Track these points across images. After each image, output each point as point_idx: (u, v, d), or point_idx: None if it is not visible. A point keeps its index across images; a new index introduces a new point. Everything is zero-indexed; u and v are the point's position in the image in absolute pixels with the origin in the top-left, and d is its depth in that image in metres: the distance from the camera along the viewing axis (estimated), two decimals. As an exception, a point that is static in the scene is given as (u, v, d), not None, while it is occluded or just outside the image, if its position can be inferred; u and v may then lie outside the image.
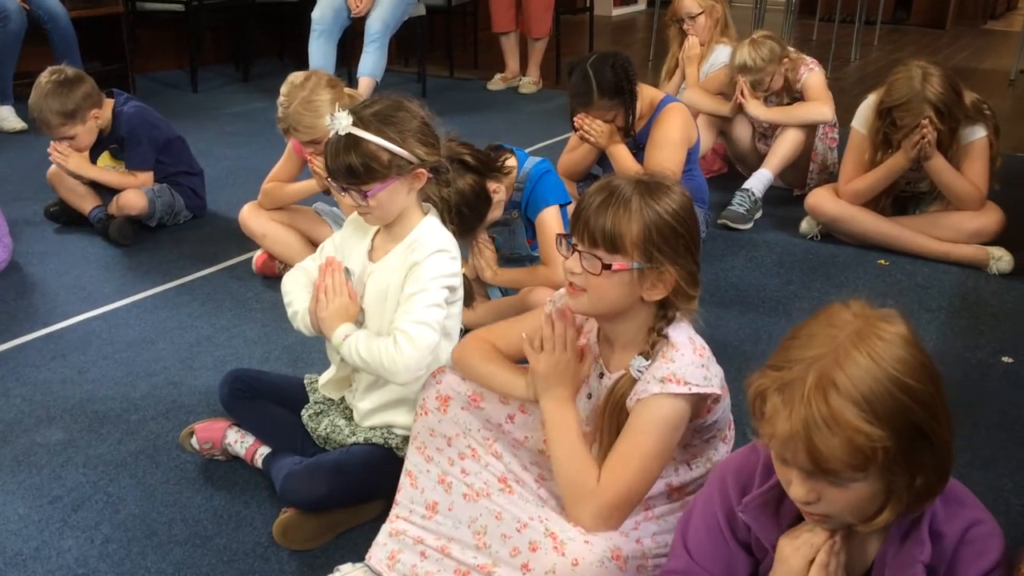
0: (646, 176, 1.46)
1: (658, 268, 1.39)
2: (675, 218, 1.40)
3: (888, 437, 1.01)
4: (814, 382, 1.03)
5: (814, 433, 1.02)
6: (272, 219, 2.85)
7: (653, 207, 1.39)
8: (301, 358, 2.39)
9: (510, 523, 1.45)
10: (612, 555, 1.36)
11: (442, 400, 1.60)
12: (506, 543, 1.43)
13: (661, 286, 1.41)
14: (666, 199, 1.40)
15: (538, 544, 1.40)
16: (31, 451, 2.00)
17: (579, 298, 1.45)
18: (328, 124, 1.63)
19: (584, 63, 2.78)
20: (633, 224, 1.38)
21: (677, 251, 1.40)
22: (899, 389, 1.02)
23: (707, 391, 1.42)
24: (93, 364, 2.37)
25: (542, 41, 5.51)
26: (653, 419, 1.39)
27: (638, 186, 1.41)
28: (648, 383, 1.40)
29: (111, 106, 3.12)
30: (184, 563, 1.67)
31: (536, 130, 4.54)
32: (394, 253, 1.73)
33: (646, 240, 1.38)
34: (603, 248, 1.39)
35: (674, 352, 1.42)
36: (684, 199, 1.43)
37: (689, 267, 1.42)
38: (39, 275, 2.92)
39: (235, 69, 5.86)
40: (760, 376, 1.10)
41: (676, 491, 1.55)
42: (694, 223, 1.44)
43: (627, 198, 1.39)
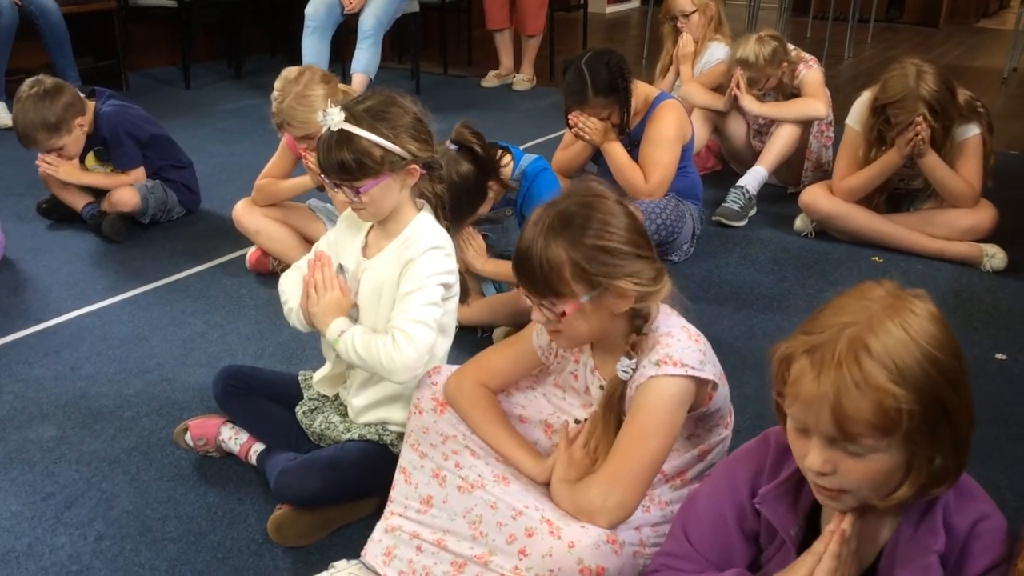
0: (569, 199, 1.43)
1: (609, 288, 1.39)
2: (602, 236, 1.38)
3: (915, 401, 1.02)
4: (846, 345, 1.03)
5: (843, 394, 1.02)
6: (266, 216, 2.84)
7: (572, 238, 1.38)
8: (295, 354, 2.39)
9: (505, 511, 1.45)
10: (608, 539, 1.37)
11: (438, 403, 1.60)
12: (502, 531, 1.44)
13: (622, 300, 1.41)
14: (587, 220, 1.38)
15: (534, 530, 1.40)
16: (24, 448, 1.99)
17: (559, 338, 1.49)
18: (320, 120, 1.63)
19: (579, 61, 2.77)
20: (561, 264, 1.37)
21: (620, 264, 1.39)
22: (929, 362, 1.03)
23: (703, 376, 1.42)
24: (86, 361, 2.36)
25: (536, 38, 5.50)
26: (653, 399, 1.40)
27: (556, 218, 1.39)
28: (644, 368, 1.41)
29: (92, 108, 3.10)
30: (178, 560, 1.66)
31: (530, 127, 4.54)
32: (388, 249, 1.73)
33: (581, 274, 1.38)
34: (550, 296, 1.41)
35: (669, 339, 1.43)
36: (613, 208, 1.41)
37: (642, 270, 1.41)
38: (31, 271, 2.90)
39: (228, 66, 5.84)
40: (789, 341, 1.10)
41: (677, 477, 1.55)
42: (630, 226, 1.41)
43: (546, 239, 1.38)
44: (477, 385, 1.59)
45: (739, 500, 1.26)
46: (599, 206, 1.41)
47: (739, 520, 1.27)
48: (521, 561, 1.39)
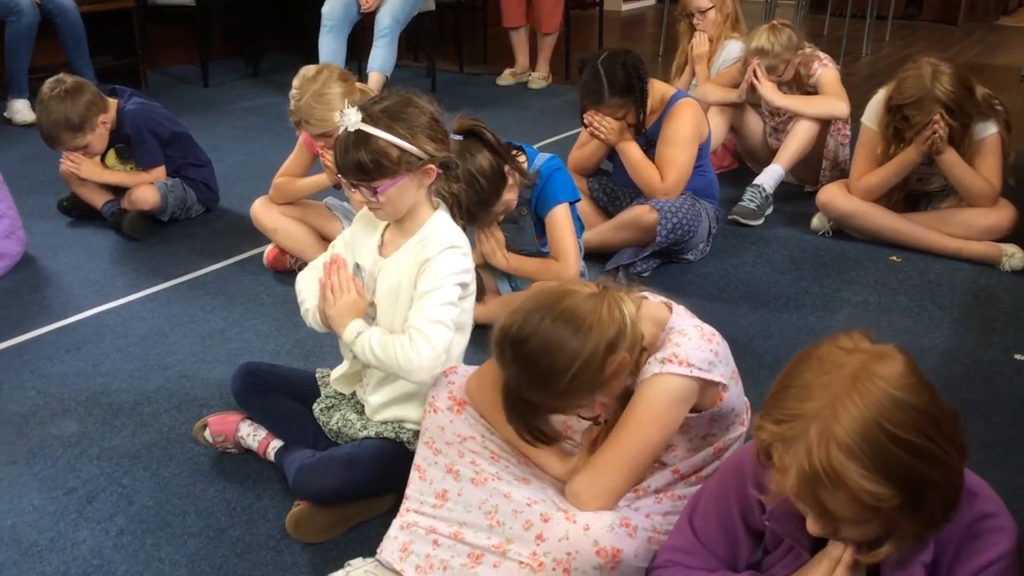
0: (525, 318, 1.39)
1: (603, 388, 1.40)
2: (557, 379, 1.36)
3: (892, 493, 1.01)
4: (815, 438, 1.03)
5: (820, 490, 1.03)
6: (283, 214, 2.86)
7: (541, 388, 1.37)
8: (312, 352, 2.40)
9: (520, 500, 1.47)
10: (621, 522, 1.40)
11: (455, 402, 1.61)
12: (517, 518, 1.46)
13: (616, 381, 1.42)
14: (537, 360, 1.36)
15: (549, 515, 1.43)
16: (46, 443, 2.02)
17: None
18: (338, 120, 1.64)
19: (595, 60, 2.77)
20: (564, 371, 1.35)
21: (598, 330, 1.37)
22: (898, 446, 1.01)
23: (709, 377, 1.42)
24: (107, 357, 2.38)
25: (552, 36, 5.50)
26: (651, 394, 1.41)
27: (514, 369, 1.39)
28: (649, 364, 1.43)
29: (116, 106, 3.13)
30: (198, 555, 1.68)
31: (545, 125, 4.54)
32: (405, 248, 1.74)
33: (581, 377, 1.36)
34: (564, 412, 1.46)
35: (680, 338, 1.44)
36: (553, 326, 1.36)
37: (609, 332, 1.37)
38: (53, 269, 2.93)
39: (245, 64, 5.87)
40: (760, 428, 1.10)
41: (692, 474, 1.56)
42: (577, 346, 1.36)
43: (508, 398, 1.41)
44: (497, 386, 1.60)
45: (745, 497, 1.27)
46: (545, 327, 1.39)
47: (745, 516, 1.29)
48: (539, 546, 1.41)
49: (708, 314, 1.54)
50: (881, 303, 2.72)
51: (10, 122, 4.50)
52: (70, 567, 1.65)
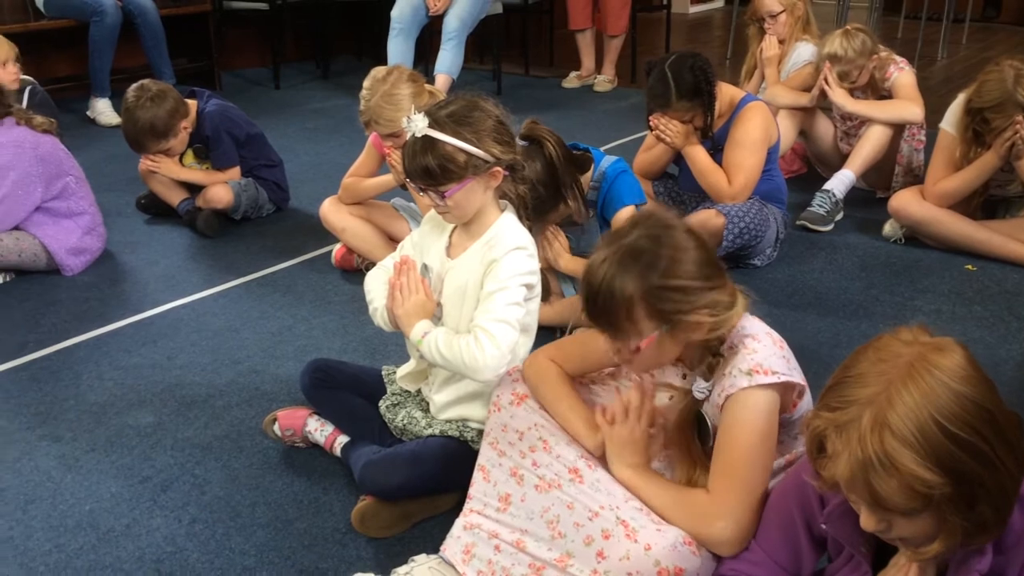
0: (636, 228, 1.41)
1: (681, 321, 1.38)
2: (674, 274, 1.36)
3: (945, 483, 1.00)
4: (869, 423, 1.03)
5: (872, 475, 1.02)
6: (351, 213, 2.91)
7: (642, 279, 1.36)
8: (378, 350, 2.44)
9: (582, 512, 1.46)
10: (684, 540, 1.37)
11: (517, 397, 1.62)
12: (579, 531, 1.45)
13: (698, 330, 1.40)
14: (656, 258, 1.37)
15: (610, 532, 1.41)
16: (123, 432, 2.09)
17: (633, 366, 1.48)
18: (404, 126, 1.66)
19: (663, 64, 2.76)
20: (633, 302, 1.36)
21: (693, 300, 1.37)
22: (949, 438, 1.01)
23: (793, 380, 1.41)
24: (181, 351, 2.46)
25: (618, 38, 5.49)
26: (747, 414, 1.38)
27: (626, 254, 1.37)
28: (735, 378, 1.39)
29: (195, 107, 3.22)
30: (266, 545, 1.72)
31: (610, 128, 4.53)
32: (472, 250, 1.75)
33: (653, 311, 1.37)
34: (622, 336, 1.40)
35: (755, 344, 1.41)
36: (684, 240, 1.38)
37: (716, 301, 1.39)
38: (131, 264, 3.04)
39: (315, 66, 5.99)
40: (815, 417, 1.09)
41: None
42: (702, 259, 1.39)
43: (615, 281, 1.37)
44: (548, 361, 1.61)
45: (808, 505, 1.25)
46: (668, 240, 1.39)
47: (808, 525, 1.27)
48: (599, 564, 1.40)
49: (775, 320, 1.52)
50: (955, 313, 2.65)
51: (94, 122, 4.67)
52: (144, 553, 1.71)
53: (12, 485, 1.91)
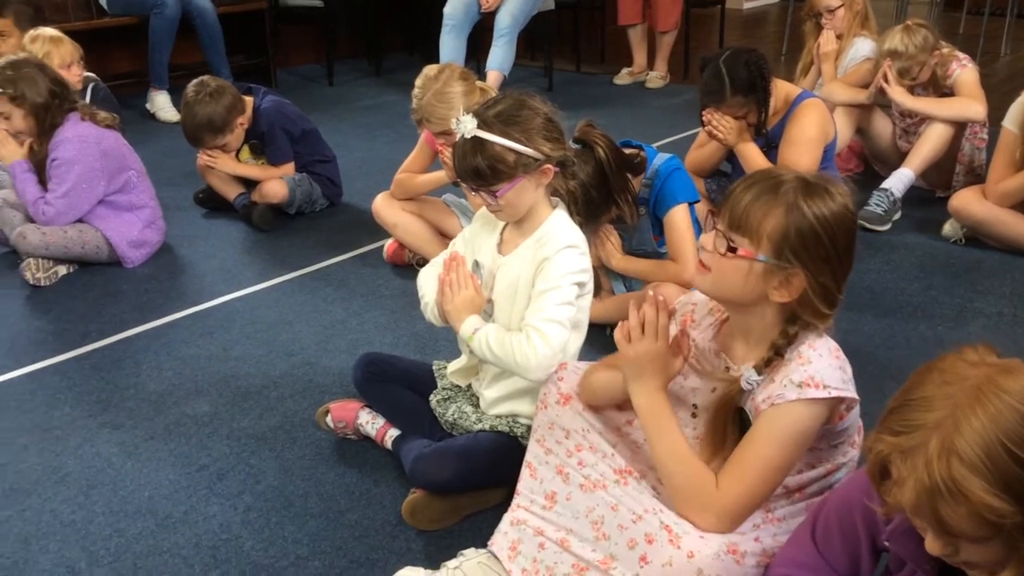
0: (814, 175, 1.40)
1: (787, 270, 1.35)
2: (822, 223, 1.34)
3: (1016, 512, 0.97)
4: (936, 449, 0.99)
5: (939, 503, 0.99)
6: (403, 209, 2.94)
7: (801, 206, 1.34)
8: (428, 345, 2.46)
9: (626, 514, 1.45)
10: (728, 549, 1.35)
11: (563, 397, 1.62)
12: (623, 534, 1.44)
13: (786, 290, 1.37)
14: (821, 202, 1.35)
15: (654, 536, 1.40)
16: (181, 421, 2.14)
17: (704, 277, 1.44)
18: (453, 128, 1.67)
19: (717, 59, 2.73)
20: (772, 216, 1.34)
21: (813, 258, 1.35)
22: (1020, 464, 0.97)
23: (846, 395, 1.37)
24: (236, 342, 2.50)
25: (670, 34, 5.44)
26: (783, 429, 1.36)
27: (797, 181, 1.36)
28: (784, 387, 1.36)
29: (252, 104, 3.28)
30: (319, 535, 1.75)
31: (662, 125, 4.50)
32: (523, 247, 1.76)
33: (781, 237, 1.34)
34: (737, 232, 1.37)
35: (811, 352, 1.38)
36: (842, 208, 1.37)
37: (824, 279, 1.36)
38: (188, 257, 3.10)
39: (368, 63, 6.05)
40: (877, 441, 1.06)
41: (796, 492, 1.52)
42: (845, 236, 1.37)
43: (779, 189, 1.35)
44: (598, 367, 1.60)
45: (873, 520, 1.22)
46: (837, 198, 1.37)
47: (872, 534, 1.24)
48: (642, 569, 1.39)
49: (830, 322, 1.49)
50: (1017, 315, 2.58)
51: (153, 117, 4.78)
52: (201, 539, 1.75)
53: (75, 470, 1.96)
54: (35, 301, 2.78)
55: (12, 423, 2.14)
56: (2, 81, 2.76)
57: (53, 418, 2.16)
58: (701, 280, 1.45)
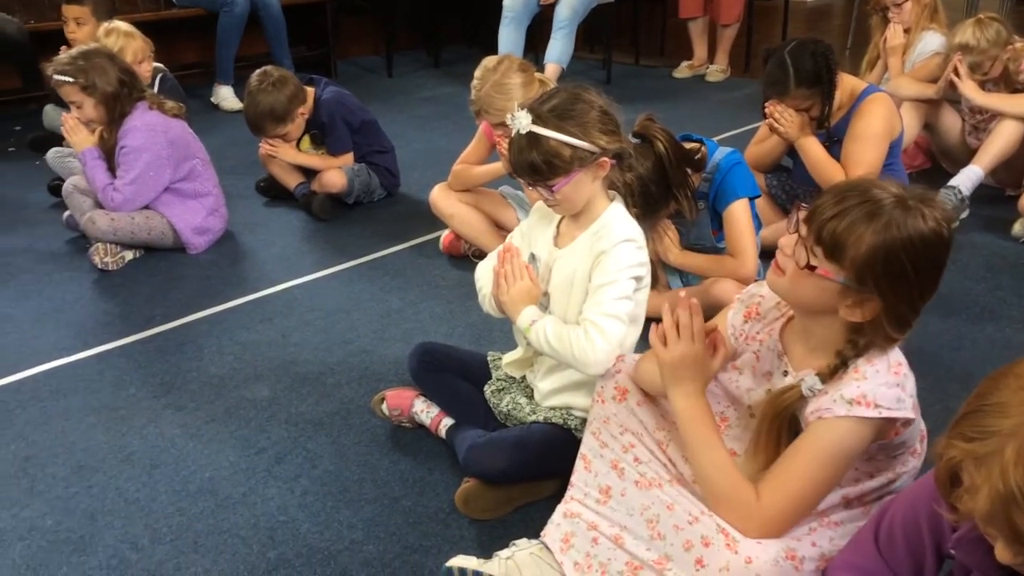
0: (911, 192, 1.33)
1: (865, 294, 1.32)
2: (910, 252, 1.29)
3: None
4: (1012, 456, 0.96)
5: (1014, 511, 0.96)
6: (460, 200, 2.95)
7: (894, 234, 1.29)
8: (483, 336, 2.47)
9: (682, 515, 1.43)
10: (787, 555, 1.33)
11: (620, 391, 1.61)
12: (679, 535, 1.42)
13: (859, 311, 1.34)
14: (914, 229, 1.29)
15: (710, 540, 1.38)
16: (241, 405, 2.18)
17: (778, 279, 1.41)
18: (508, 123, 1.67)
19: (782, 50, 2.69)
20: (863, 245, 1.29)
21: (893, 288, 1.31)
22: None
23: (898, 415, 1.33)
24: (295, 329, 2.55)
25: (732, 27, 5.37)
26: (827, 445, 1.33)
27: (895, 208, 1.30)
28: (835, 402, 1.33)
29: (312, 94, 3.33)
30: (373, 520, 1.78)
31: (722, 119, 4.44)
32: (580, 240, 1.75)
33: (866, 265, 1.30)
34: (822, 248, 1.33)
35: (868, 367, 1.34)
36: (934, 235, 1.31)
37: (900, 309, 1.32)
38: (249, 244, 3.16)
39: (427, 55, 6.08)
40: (949, 447, 1.03)
41: (855, 500, 1.49)
42: (932, 264, 1.32)
43: (874, 218, 1.30)
44: None
45: (939, 527, 1.19)
46: (933, 232, 1.30)
47: (936, 538, 1.21)
48: (697, 572, 1.37)
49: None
50: (1090, 319, 2.50)
51: (217, 108, 4.88)
52: (259, 520, 1.79)
53: (139, 450, 2.02)
54: (103, 285, 2.86)
55: (81, 402, 2.21)
56: (74, 71, 2.84)
57: (119, 398, 2.22)
58: (774, 281, 1.42)
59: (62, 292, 2.80)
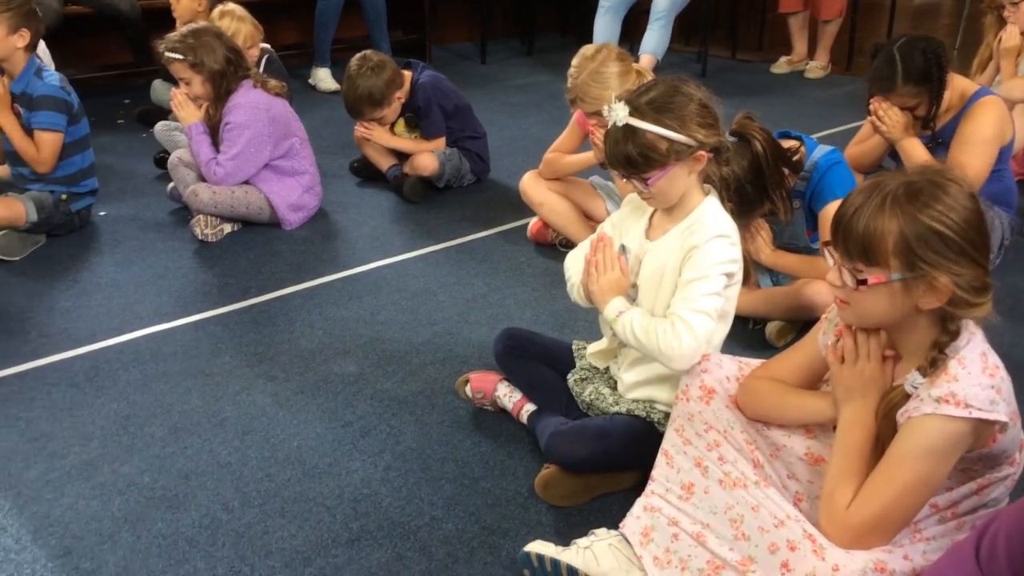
0: (917, 173, 1.33)
1: (926, 277, 1.29)
2: (944, 222, 1.27)
3: None
4: None
5: None
6: (550, 189, 2.96)
7: (912, 212, 1.27)
8: (567, 324, 2.48)
9: (767, 518, 1.41)
10: (875, 567, 1.30)
11: (705, 391, 1.59)
12: (764, 537, 1.40)
13: (934, 296, 1.30)
14: (934, 200, 1.28)
15: (796, 544, 1.36)
16: (329, 379, 2.24)
17: (846, 312, 1.40)
18: (605, 115, 1.66)
19: (891, 45, 2.61)
20: (888, 233, 1.28)
21: (948, 257, 1.28)
22: None
23: (990, 417, 1.29)
24: (383, 308, 2.60)
25: (834, 23, 5.22)
26: (919, 444, 1.30)
27: (901, 187, 1.29)
28: (922, 401, 1.30)
29: (409, 79, 3.37)
30: (453, 499, 1.81)
31: (820, 117, 4.33)
32: (672, 233, 1.74)
33: (906, 249, 1.28)
34: (859, 259, 1.32)
35: (959, 369, 1.30)
36: (962, 197, 1.29)
37: (969, 273, 1.29)
38: (342, 223, 3.24)
39: (520, 43, 6.09)
40: None
41: (948, 513, 1.45)
42: (973, 223, 1.29)
43: (883, 203, 1.29)
44: (764, 379, 1.56)
45: None
46: (950, 190, 1.31)
47: None
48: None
49: (993, 334, 1.40)
50: None
51: (314, 89, 4.99)
52: (344, 492, 1.84)
53: (232, 416, 2.10)
54: (202, 256, 2.97)
55: (178, 367, 2.30)
56: (184, 48, 2.95)
57: (215, 365, 2.31)
58: (846, 315, 1.41)
59: (164, 260, 2.92)
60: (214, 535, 1.72)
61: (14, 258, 2.89)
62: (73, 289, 2.72)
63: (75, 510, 1.79)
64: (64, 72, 3.11)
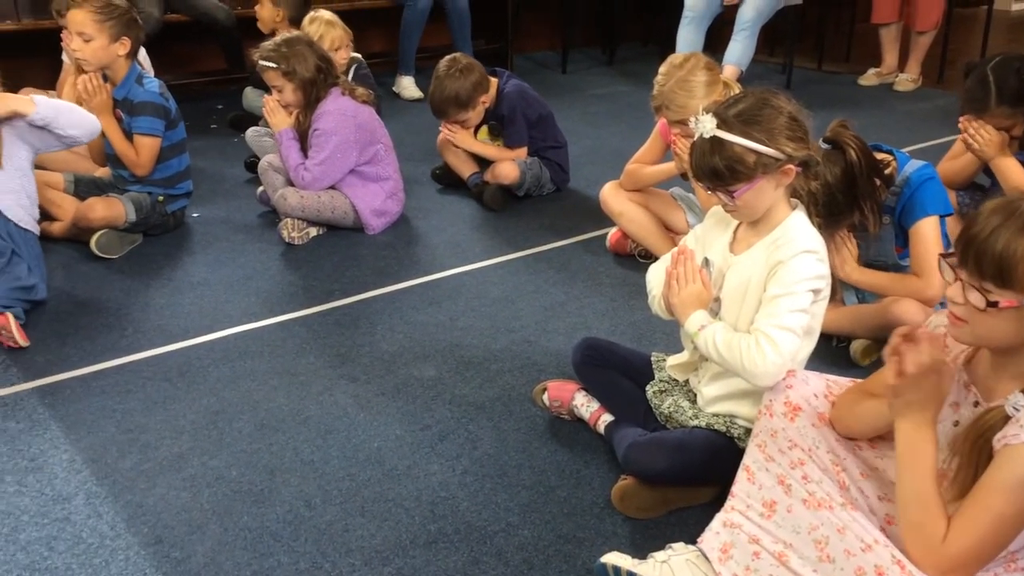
0: None
1: None
2: None
3: None
4: None
5: None
6: (630, 199, 2.96)
7: None
8: (645, 335, 2.47)
9: (853, 541, 1.38)
10: None
11: (791, 408, 1.57)
12: (850, 560, 1.37)
13: None
14: None
15: (884, 570, 1.33)
16: (408, 383, 2.28)
17: (961, 331, 1.36)
18: (692, 126, 1.66)
19: (984, 65, 2.56)
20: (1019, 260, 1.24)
21: None
22: None
23: None
24: (462, 314, 2.63)
25: (927, 35, 5.08)
26: (1010, 475, 1.26)
27: None
28: (1021, 426, 1.26)
29: (495, 85, 3.41)
30: (529, 506, 1.82)
31: (909, 132, 4.22)
32: (757, 247, 1.73)
33: None
34: (991, 280, 1.28)
35: None
36: None
37: None
38: (422, 229, 3.29)
39: (602, 52, 6.09)
40: None
41: None
42: None
43: (1021, 230, 1.25)
44: (857, 393, 1.54)
45: None
46: None
47: None
48: None
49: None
50: None
51: (398, 96, 5.08)
52: (422, 494, 1.87)
53: (315, 415, 2.15)
54: (288, 258, 3.06)
55: (265, 365, 2.37)
56: (277, 57, 3.04)
57: (299, 365, 2.37)
58: (959, 334, 1.37)
59: (252, 262, 3.01)
60: (297, 531, 1.77)
61: (113, 256, 3.03)
62: (167, 287, 2.84)
63: (166, 500, 1.86)
64: (161, 78, 3.25)
